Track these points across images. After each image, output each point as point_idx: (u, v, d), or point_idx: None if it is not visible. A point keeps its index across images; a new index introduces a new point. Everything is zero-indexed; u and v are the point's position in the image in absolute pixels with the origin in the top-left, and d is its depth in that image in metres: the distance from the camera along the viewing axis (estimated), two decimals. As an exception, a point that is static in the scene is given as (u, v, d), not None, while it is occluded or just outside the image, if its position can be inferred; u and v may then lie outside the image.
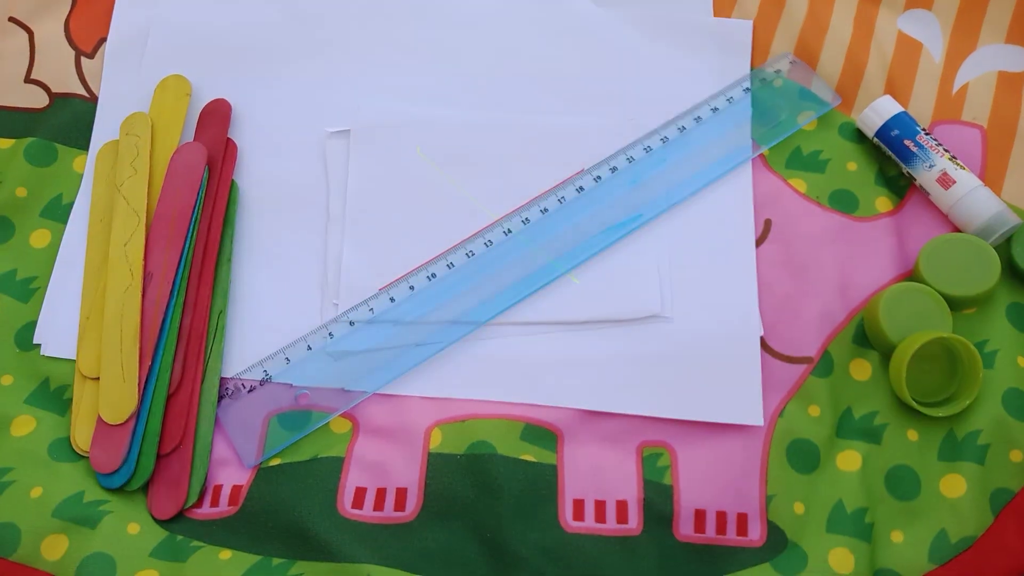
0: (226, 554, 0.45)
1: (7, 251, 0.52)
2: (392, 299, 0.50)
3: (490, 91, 0.56)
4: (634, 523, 0.45)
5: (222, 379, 0.49)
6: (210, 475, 0.47)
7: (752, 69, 0.56)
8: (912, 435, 0.48)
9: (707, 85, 0.56)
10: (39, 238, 0.53)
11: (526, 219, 0.52)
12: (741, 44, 0.57)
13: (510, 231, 0.51)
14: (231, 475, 0.47)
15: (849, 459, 0.47)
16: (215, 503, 0.46)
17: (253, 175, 0.54)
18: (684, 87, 0.56)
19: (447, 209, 0.52)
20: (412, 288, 0.50)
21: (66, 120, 0.55)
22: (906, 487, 0.47)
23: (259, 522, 0.46)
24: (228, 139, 0.54)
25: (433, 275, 0.50)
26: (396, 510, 0.46)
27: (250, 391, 0.48)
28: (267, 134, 0.55)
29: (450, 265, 0.50)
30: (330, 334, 0.49)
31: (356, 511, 0.46)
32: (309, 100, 0.56)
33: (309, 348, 0.49)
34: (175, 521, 0.46)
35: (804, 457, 0.47)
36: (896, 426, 0.48)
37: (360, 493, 0.46)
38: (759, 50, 0.57)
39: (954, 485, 0.46)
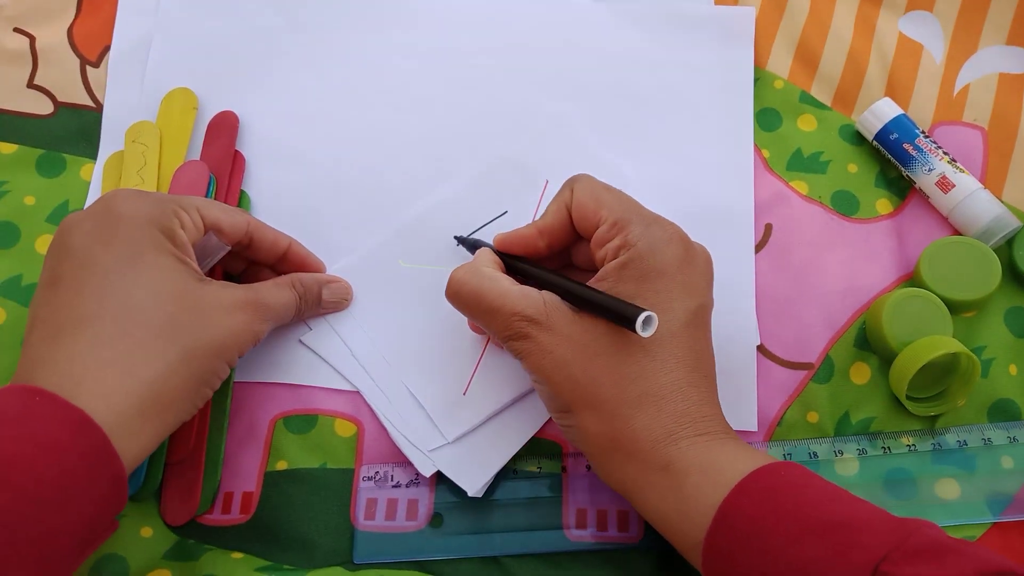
0: (238, 555, 0.46)
1: (13, 256, 0.52)
2: None
3: (492, 92, 0.56)
4: (634, 531, 0.46)
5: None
6: (222, 482, 0.47)
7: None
8: (906, 440, 0.48)
9: (710, 75, 0.56)
10: (45, 244, 0.53)
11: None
12: (743, 33, 0.57)
13: None
14: (242, 482, 0.47)
15: (847, 463, 0.47)
16: (227, 510, 0.47)
17: (260, 185, 0.54)
18: (687, 78, 0.56)
19: None
20: None
21: (73, 129, 0.56)
22: (903, 490, 0.47)
23: (271, 532, 0.46)
24: (236, 151, 0.54)
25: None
26: (408, 519, 0.46)
27: (395, 486, 0.47)
28: (274, 142, 0.55)
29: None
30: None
31: (368, 522, 0.46)
32: (314, 106, 0.56)
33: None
34: (188, 527, 0.46)
35: (802, 463, 0.47)
36: (892, 430, 0.48)
37: (372, 504, 0.47)
38: (760, 52, 0.57)
39: (948, 489, 0.47)
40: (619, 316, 0.39)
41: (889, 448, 0.47)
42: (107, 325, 0.39)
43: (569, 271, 0.47)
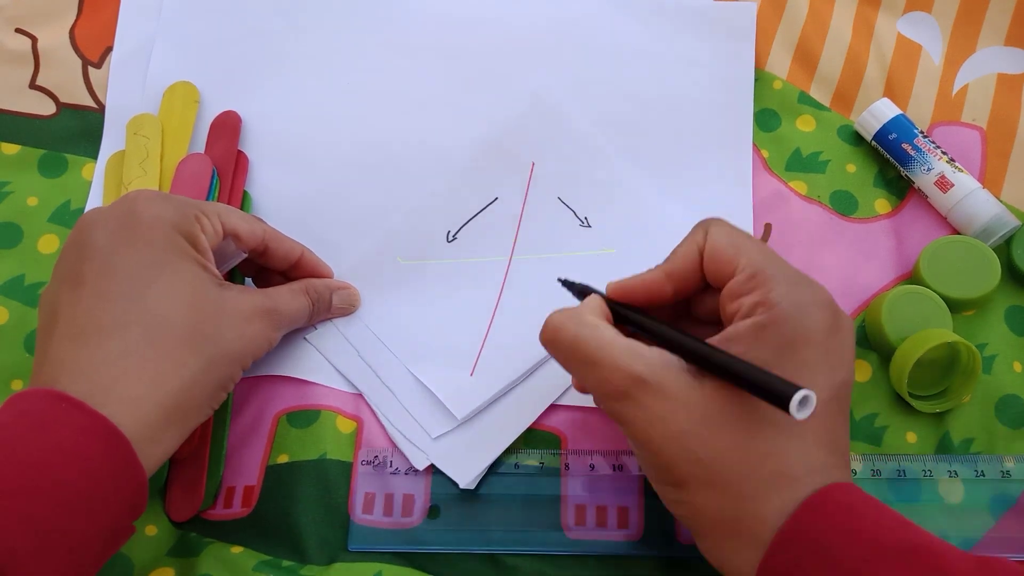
0: (237, 549, 0.46)
1: (15, 256, 0.53)
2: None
3: (494, 92, 0.56)
4: (635, 528, 0.46)
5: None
6: (224, 477, 0.47)
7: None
8: (911, 437, 0.48)
9: (711, 71, 0.56)
10: (47, 244, 0.53)
11: (532, 249, 0.52)
12: (744, 29, 0.57)
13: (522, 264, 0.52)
14: (244, 476, 0.48)
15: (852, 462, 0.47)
16: (228, 504, 0.47)
17: (262, 185, 0.54)
18: (687, 73, 0.56)
19: (462, 281, 0.52)
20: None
21: (75, 129, 0.56)
22: (908, 490, 0.47)
23: (270, 524, 0.46)
24: (239, 151, 0.54)
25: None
26: (404, 516, 0.46)
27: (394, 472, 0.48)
28: (275, 143, 0.55)
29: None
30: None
31: (366, 516, 0.46)
32: (316, 107, 0.56)
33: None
34: (191, 523, 0.47)
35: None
36: (896, 428, 0.48)
37: (369, 498, 0.47)
38: (759, 52, 0.57)
39: (952, 490, 0.47)
40: (767, 392, 0.33)
41: (891, 446, 0.47)
42: (134, 333, 0.39)
43: (685, 322, 0.42)
